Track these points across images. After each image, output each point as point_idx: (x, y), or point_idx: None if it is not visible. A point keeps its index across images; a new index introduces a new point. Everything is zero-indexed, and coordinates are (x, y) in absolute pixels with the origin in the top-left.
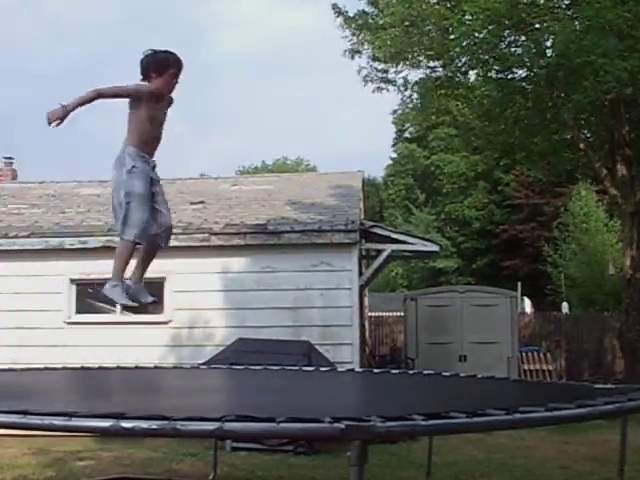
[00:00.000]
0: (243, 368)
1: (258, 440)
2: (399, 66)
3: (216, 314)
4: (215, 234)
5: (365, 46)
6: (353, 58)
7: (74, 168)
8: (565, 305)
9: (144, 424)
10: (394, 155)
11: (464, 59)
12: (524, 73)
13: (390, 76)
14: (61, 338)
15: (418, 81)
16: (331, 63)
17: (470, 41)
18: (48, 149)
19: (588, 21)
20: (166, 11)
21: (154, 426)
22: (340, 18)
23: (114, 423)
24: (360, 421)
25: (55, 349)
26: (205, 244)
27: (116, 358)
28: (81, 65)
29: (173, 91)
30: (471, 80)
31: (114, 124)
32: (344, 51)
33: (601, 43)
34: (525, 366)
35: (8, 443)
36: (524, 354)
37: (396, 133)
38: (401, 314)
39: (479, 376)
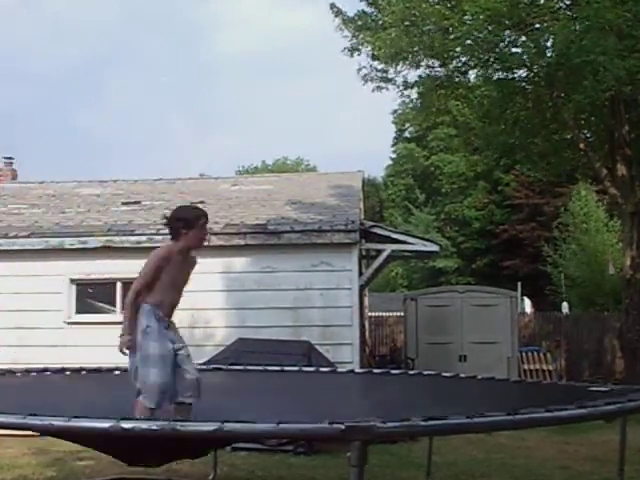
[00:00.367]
0: (243, 368)
1: (258, 440)
2: (399, 66)
3: (216, 314)
4: (215, 234)
5: (365, 45)
6: (352, 56)
7: (74, 168)
8: (565, 305)
9: (144, 425)
10: (394, 155)
11: (464, 59)
12: (524, 73)
13: (390, 76)
14: (61, 338)
15: (418, 80)
16: (331, 63)
17: (470, 41)
18: (48, 149)
19: (588, 21)
20: (166, 11)
21: (154, 427)
22: (338, 18)
23: (114, 424)
24: (360, 422)
25: (55, 349)
26: (205, 244)
27: (116, 358)
28: (81, 65)
29: (205, 242)
30: (471, 80)
31: (114, 124)
32: (343, 48)
33: (601, 43)
34: (525, 366)
35: (8, 443)
36: (524, 354)
37: (396, 133)
38: (401, 314)
39: (479, 377)
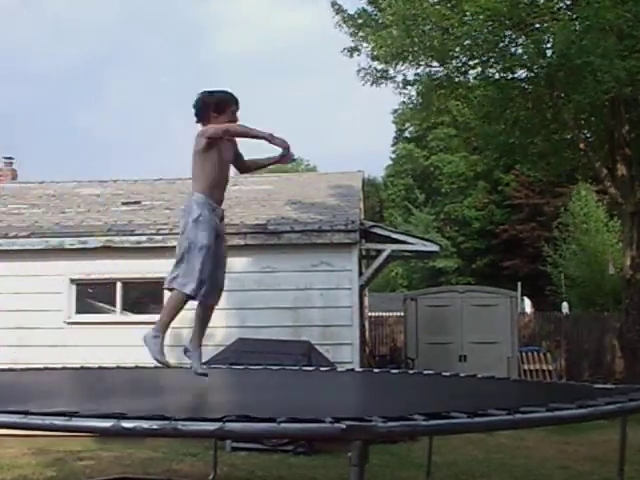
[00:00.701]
0: (243, 368)
1: (258, 440)
2: (399, 65)
3: (216, 314)
4: None
5: (364, 44)
6: (352, 56)
7: (74, 168)
8: (565, 305)
9: (145, 424)
10: (394, 155)
11: (464, 59)
12: (524, 74)
13: (390, 74)
14: (61, 338)
15: (417, 79)
16: (331, 63)
17: (470, 41)
18: (48, 149)
19: (588, 21)
20: (166, 11)
21: (155, 426)
22: (339, 16)
23: (115, 423)
24: (361, 421)
25: (55, 349)
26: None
27: (116, 358)
28: (81, 65)
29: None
30: (471, 80)
31: (114, 124)
32: (343, 49)
33: (601, 43)
34: (525, 366)
35: (8, 443)
36: (524, 354)
37: (396, 133)
38: (401, 314)
39: (479, 376)
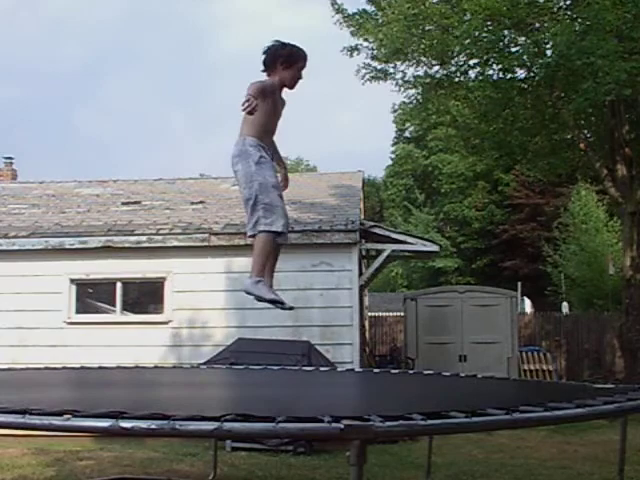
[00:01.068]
0: (243, 368)
1: (258, 440)
2: (399, 63)
3: (216, 314)
4: (215, 234)
5: (364, 44)
6: (352, 56)
7: (74, 168)
8: (565, 305)
9: (143, 424)
10: (394, 155)
11: (464, 58)
12: (524, 74)
13: (390, 72)
14: (61, 338)
15: (417, 78)
16: (331, 63)
17: (470, 40)
18: (48, 149)
19: (588, 22)
20: (167, 11)
21: (153, 426)
22: (339, 15)
23: (113, 423)
24: (360, 421)
25: (55, 349)
26: (205, 244)
27: (116, 358)
28: (81, 65)
29: (296, 86)
30: (471, 80)
31: (114, 124)
32: (342, 48)
33: (601, 44)
34: (525, 366)
35: (8, 443)
36: (524, 354)
37: (396, 133)
38: (401, 314)
39: (479, 376)
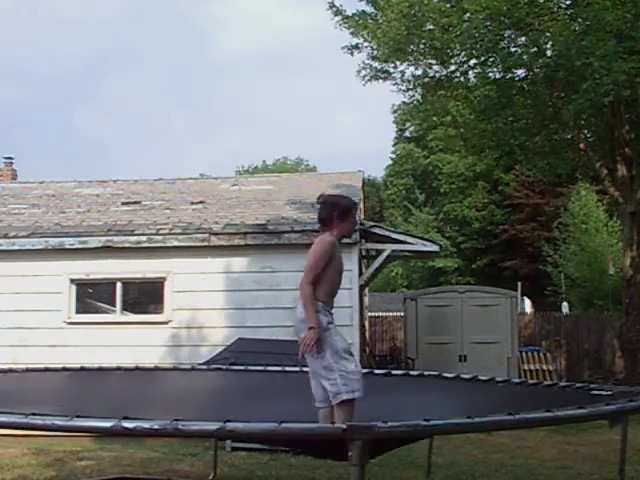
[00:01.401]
0: (243, 368)
1: (258, 440)
2: (399, 63)
3: (216, 314)
4: (215, 234)
5: (365, 43)
6: (352, 54)
7: (74, 168)
8: (565, 305)
9: (146, 424)
10: (394, 155)
11: (464, 58)
12: (523, 73)
13: (390, 71)
14: (61, 338)
15: (417, 77)
16: (331, 63)
17: (470, 39)
18: (48, 149)
19: (587, 22)
20: (167, 11)
21: (156, 426)
22: (338, 17)
23: (116, 423)
24: (361, 422)
25: (55, 349)
26: (205, 244)
27: (116, 358)
28: (81, 65)
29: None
30: (471, 80)
31: (114, 124)
32: (343, 47)
33: (600, 45)
34: (525, 366)
35: (8, 443)
36: (524, 354)
37: (397, 133)
38: (401, 314)
39: (480, 378)
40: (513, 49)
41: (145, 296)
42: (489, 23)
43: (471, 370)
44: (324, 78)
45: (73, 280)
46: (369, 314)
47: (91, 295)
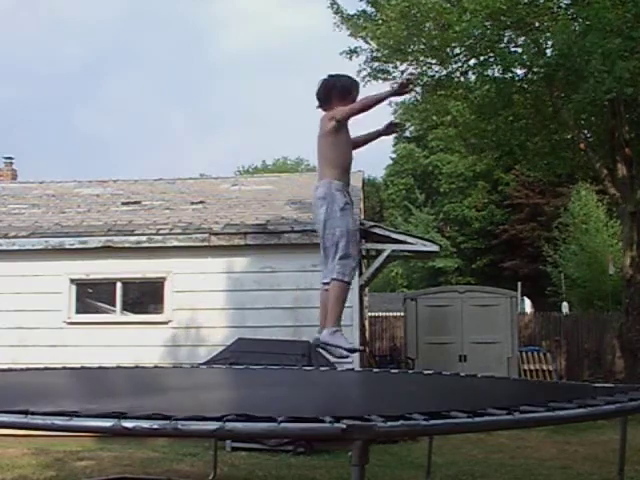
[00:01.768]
0: (243, 368)
1: (258, 440)
2: (399, 63)
3: (216, 314)
4: (215, 234)
5: (364, 46)
6: (351, 59)
7: (74, 168)
8: (565, 305)
9: (145, 424)
10: (394, 155)
11: (464, 58)
12: (523, 73)
13: (390, 70)
14: (61, 338)
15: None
16: (331, 63)
17: (469, 38)
18: (48, 149)
19: (588, 22)
20: (167, 10)
21: (155, 426)
22: (338, 16)
23: (115, 423)
24: (361, 421)
25: (55, 349)
26: (205, 244)
27: (116, 358)
28: (81, 65)
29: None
30: (470, 80)
31: (114, 124)
32: (342, 52)
33: (601, 43)
34: (525, 366)
35: (8, 443)
36: (524, 354)
37: (397, 133)
38: (401, 314)
39: (479, 375)
40: (513, 49)
41: (145, 296)
42: (488, 22)
43: (471, 370)
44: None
45: (73, 280)
46: (369, 314)
47: (91, 295)
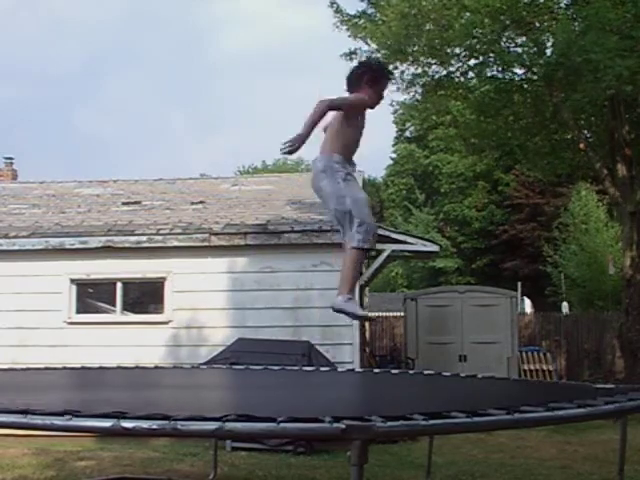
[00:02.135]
0: (243, 368)
1: (258, 440)
2: (398, 63)
3: (216, 314)
4: (215, 234)
5: (364, 47)
6: (351, 60)
7: (74, 168)
8: (565, 305)
9: (145, 424)
10: (394, 155)
11: (463, 58)
12: (523, 73)
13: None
14: (61, 338)
15: (416, 75)
16: (331, 63)
17: (470, 38)
18: (48, 149)
19: (588, 21)
20: (167, 11)
21: (155, 426)
22: (338, 16)
23: (115, 423)
24: (361, 421)
25: (55, 349)
26: (205, 244)
27: (116, 358)
28: (81, 65)
29: (380, 104)
30: (470, 80)
31: (114, 124)
32: (342, 54)
33: (601, 42)
34: (525, 366)
35: (8, 443)
36: (524, 354)
37: (397, 133)
38: (401, 314)
39: (479, 376)
40: (513, 49)
41: (145, 296)
42: (488, 21)
43: (471, 370)
44: (325, 78)
45: (73, 280)
46: (369, 314)
47: (91, 295)
